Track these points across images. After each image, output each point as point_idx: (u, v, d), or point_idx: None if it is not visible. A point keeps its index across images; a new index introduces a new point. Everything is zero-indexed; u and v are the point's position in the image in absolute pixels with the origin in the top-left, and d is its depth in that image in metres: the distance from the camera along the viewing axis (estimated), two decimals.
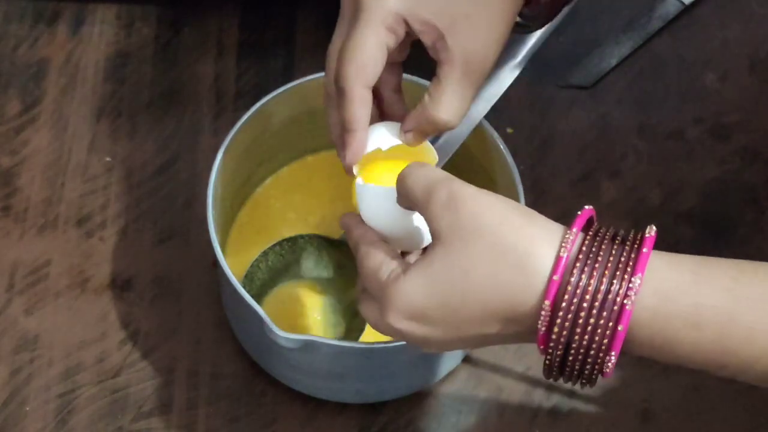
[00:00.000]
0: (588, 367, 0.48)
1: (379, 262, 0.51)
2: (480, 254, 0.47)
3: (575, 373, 0.48)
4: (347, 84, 0.55)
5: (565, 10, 0.61)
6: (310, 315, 0.70)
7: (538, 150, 0.80)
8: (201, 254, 0.74)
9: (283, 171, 0.76)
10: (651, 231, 0.47)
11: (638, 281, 0.46)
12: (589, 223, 0.48)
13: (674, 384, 0.72)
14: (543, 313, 0.46)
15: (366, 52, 0.55)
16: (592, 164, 0.80)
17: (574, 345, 0.47)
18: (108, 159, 0.79)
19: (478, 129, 0.65)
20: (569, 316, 0.46)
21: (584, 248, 0.47)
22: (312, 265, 0.71)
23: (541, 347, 0.48)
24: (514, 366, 0.72)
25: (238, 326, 0.71)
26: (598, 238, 0.47)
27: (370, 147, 0.58)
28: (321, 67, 0.71)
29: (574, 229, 0.47)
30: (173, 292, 0.74)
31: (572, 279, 0.46)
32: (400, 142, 0.58)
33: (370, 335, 0.69)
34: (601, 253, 0.47)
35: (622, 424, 0.70)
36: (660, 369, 0.72)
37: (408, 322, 0.49)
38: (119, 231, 0.76)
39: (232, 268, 0.64)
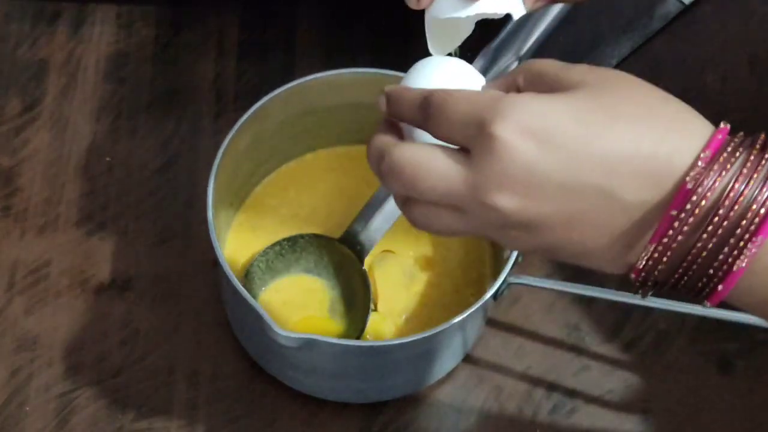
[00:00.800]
0: (725, 251, 0.40)
1: (478, 93, 0.43)
2: (638, 94, 0.42)
3: (703, 259, 0.41)
4: None
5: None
6: (310, 313, 0.70)
7: None
8: (201, 254, 0.74)
9: (282, 170, 0.76)
10: None
11: None
12: None
13: (674, 384, 0.72)
14: (700, 163, 0.40)
15: None
16: None
17: (717, 216, 0.40)
18: (108, 159, 0.79)
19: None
20: (725, 173, 0.40)
21: (743, 137, 0.42)
22: (312, 264, 0.71)
23: (673, 211, 0.40)
24: (514, 366, 0.72)
25: (238, 326, 0.71)
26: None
27: (491, 6, 0.50)
28: (321, 67, 0.72)
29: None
30: (173, 292, 0.74)
31: (734, 145, 0.41)
32: (512, 6, 0.51)
33: (370, 334, 0.69)
34: (760, 141, 0.42)
35: (622, 424, 0.70)
36: (660, 369, 0.72)
37: (522, 135, 0.40)
38: (119, 231, 0.76)
39: (232, 268, 0.64)
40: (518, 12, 0.52)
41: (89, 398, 0.70)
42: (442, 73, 0.48)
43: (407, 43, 0.82)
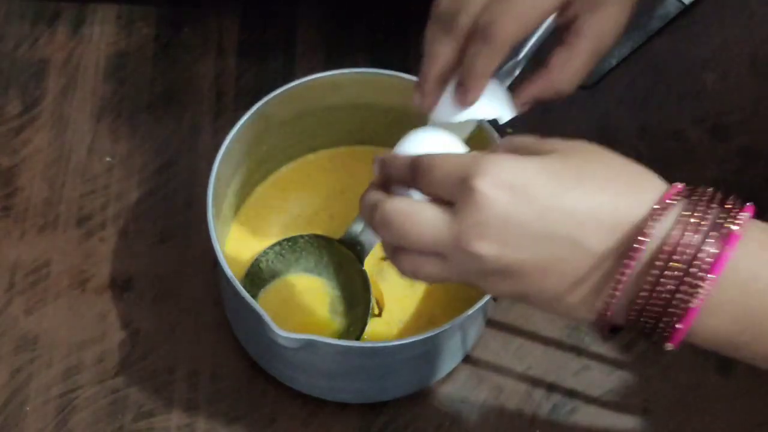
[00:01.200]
0: (682, 289, 0.44)
1: (461, 153, 0.49)
2: (601, 158, 0.47)
3: (663, 299, 0.45)
4: (502, 34, 0.54)
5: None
6: (310, 314, 0.70)
7: None
8: (201, 254, 0.74)
9: (282, 170, 0.76)
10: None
11: (747, 216, 0.45)
12: None
13: (674, 384, 0.72)
14: (655, 215, 0.44)
15: (537, 7, 0.55)
16: None
17: (672, 260, 0.44)
18: (108, 159, 0.79)
19: (478, 129, 0.65)
20: (676, 223, 0.44)
21: (691, 191, 0.47)
22: (312, 265, 0.71)
23: (631, 257, 0.45)
24: (514, 366, 0.72)
25: (238, 326, 0.71)
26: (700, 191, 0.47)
27: (482, 112, 0.57)
28: (321, 67, 0.72)
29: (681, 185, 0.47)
30: (173, 292, 0.74)
31: (684, 199, 0.46)
32: (501, 111, 0.58)
33: (370, 336, 0.69)
34: (707, 195, 0.46)
35: (622, 423, 0.70)
36: (660, 369, 0.72)
37: (499, 189, 0.45)
38: (119, 231, 0.76)
39: (232, 268, 0.64)
40: (507, 116, 0.59)
41: (89, 398, 0.70)
42: (430, 142, 0.53)
43: (407, 43, 0.82)
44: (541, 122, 0.81)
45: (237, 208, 0.74)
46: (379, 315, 0.70)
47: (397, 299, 0.71)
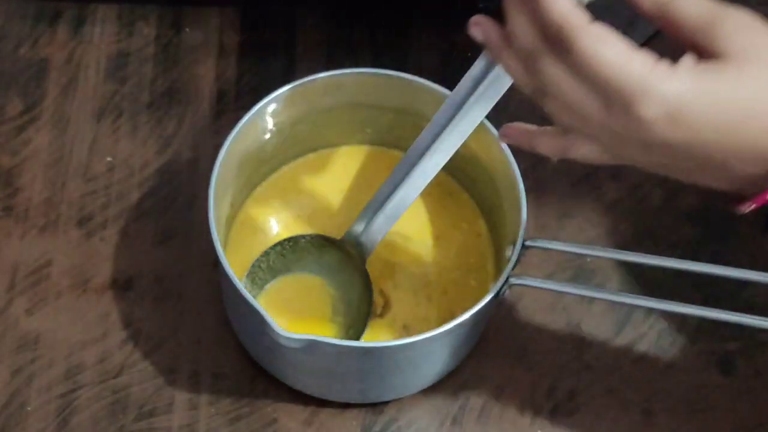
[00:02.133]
0: None
1: (626, 47, 0.49)
2: None
3: None
4: None
5: None
6: (311, 314, 0.70)
7: None
8: (202, 254, 0.74)
9: (283, 170, 0.76)
10: None
11: None
12: None
13: (674, 384, 0.72)
14: None
15: None
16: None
17: None
18: (109, 159, 0.79)
19: (479, 128, 0.65)
20: None
21: None
22: (313, 265, 0.71)
23: None
24: (515, 366, 0.72)
25: (239, 326, 0.71)
26: None
27: None
28: (321, 67, 0.72)
29: None
30: (174, 292, 0.74)
31: None
32: None
33: (371, 334, 0.69)
34: None
35: (623, 423, 0.70)
36: (660, 369, 0.72)
37: (659, 115, 0.47)
38: (120, 231, 0.76)
39: (233, 268, 0.64)
40: None
41: (90, 398, 0.70)
42: None
43: (407, 43, 0.82)
44: (543, 122, 0.81)
45: (238, 208, 0.74)
46: (381, 315, 0.70)
47: (398, 299, 0.71)
